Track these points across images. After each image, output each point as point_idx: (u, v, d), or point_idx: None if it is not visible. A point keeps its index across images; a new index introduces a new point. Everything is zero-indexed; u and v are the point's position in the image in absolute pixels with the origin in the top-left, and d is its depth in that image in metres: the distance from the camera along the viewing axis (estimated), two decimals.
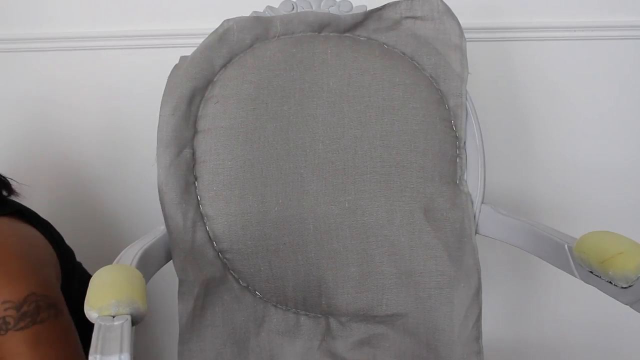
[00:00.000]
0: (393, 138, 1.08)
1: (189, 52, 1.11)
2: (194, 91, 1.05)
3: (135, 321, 0.71)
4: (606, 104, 1.49)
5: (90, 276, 0.91)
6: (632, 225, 1.51)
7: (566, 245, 0.94)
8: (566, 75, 1.47)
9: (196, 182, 1.05)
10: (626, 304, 0.83)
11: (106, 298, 0.70)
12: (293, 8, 1.15)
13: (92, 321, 0.70)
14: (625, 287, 0.82)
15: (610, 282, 0.84)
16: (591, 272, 0.88)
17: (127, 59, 1.40)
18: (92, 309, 0.70)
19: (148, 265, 0.94)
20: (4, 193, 1.06)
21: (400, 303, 1.07)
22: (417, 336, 1.07)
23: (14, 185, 1.08)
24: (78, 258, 1.14)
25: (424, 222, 1.06)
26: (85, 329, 0.86)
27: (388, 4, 1.12)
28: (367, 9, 1.13)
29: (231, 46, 1.10)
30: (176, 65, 1.10)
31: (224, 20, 1.11)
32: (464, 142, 1.11)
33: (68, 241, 1.11)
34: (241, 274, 1.06)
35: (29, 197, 1.12)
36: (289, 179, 1.06)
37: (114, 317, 0.69)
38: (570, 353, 1.62)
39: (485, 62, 1.41)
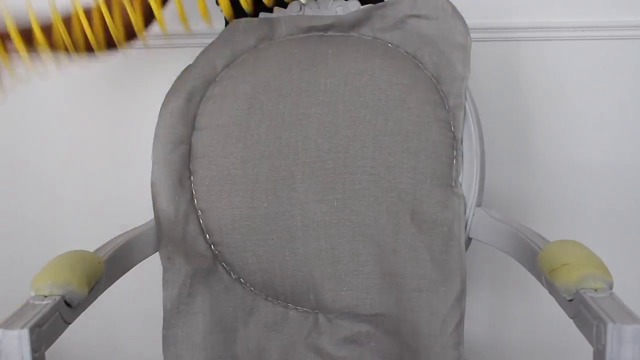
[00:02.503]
0: (386, 138, 1.07)
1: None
2: (193, 90, 1.11)
3: (71, 303, 0.77)
4: (610, 104, 1.43)
5: None
6: (632, 225, 1.45)
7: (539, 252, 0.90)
8: (570, 75, 1.41)
9: (192, 177, 1.10)
10: (571, 318, 0.77)
11: (43, 279, 0.77)
12: (300, 9, 1.18)
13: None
14: (570, 300, 0.77)
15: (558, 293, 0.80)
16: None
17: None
18: (31, 289, 0.77)
19: (131, 254, 1.01)
20: None
21: (383, 303, 1.06)
22: (400, 337, 1.06)
23: None
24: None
25: (409, 224, 1.05)
26: None
27: (390, 1, 1.12)
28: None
29: (235, 47, 1.15)
30: (187, 66, 1.16)
31: (233, 21, 1.15)
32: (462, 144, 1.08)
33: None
34: (232, 266, 1.10)
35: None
36: (279, 177, 1.08)
37: (46, 296, 0.75)
38: (558, 357, 1.54)
39: (488, 62, 1.38)
